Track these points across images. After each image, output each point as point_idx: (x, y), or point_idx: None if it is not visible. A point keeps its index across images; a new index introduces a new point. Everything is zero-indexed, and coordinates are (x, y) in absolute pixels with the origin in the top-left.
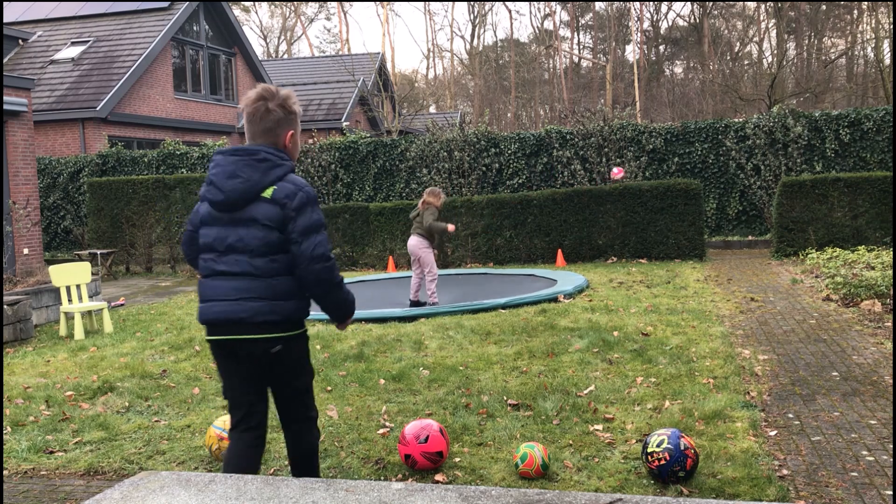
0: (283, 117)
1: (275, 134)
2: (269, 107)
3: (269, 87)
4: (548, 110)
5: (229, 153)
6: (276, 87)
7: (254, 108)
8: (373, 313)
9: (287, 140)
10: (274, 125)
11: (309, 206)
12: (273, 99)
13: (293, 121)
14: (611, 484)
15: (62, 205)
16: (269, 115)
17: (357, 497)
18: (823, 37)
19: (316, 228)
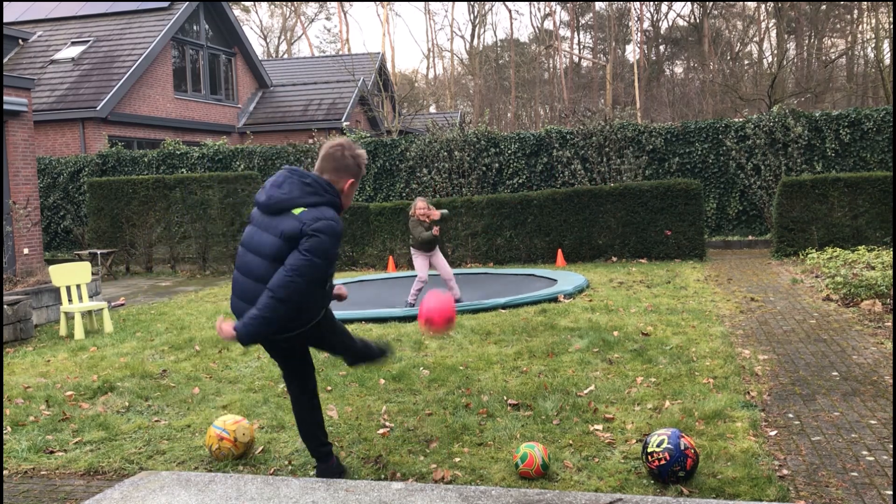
0: (349, 166)
1: (338, 175)
2: (344, 153)
3: (350, 142)
4: (548, 110)
5: (289, 170)
6: (357, 145)
7: (333, 150)
8: (373, 313)
9: (346, 186)
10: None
11: (325, 235)
12: (350, 149)
13: (357, 174)
14: (611, 484)
15: (62, 205)
16: (342, 160)
17: (357, 497)
18: (823, 37)
19: (319, 254)
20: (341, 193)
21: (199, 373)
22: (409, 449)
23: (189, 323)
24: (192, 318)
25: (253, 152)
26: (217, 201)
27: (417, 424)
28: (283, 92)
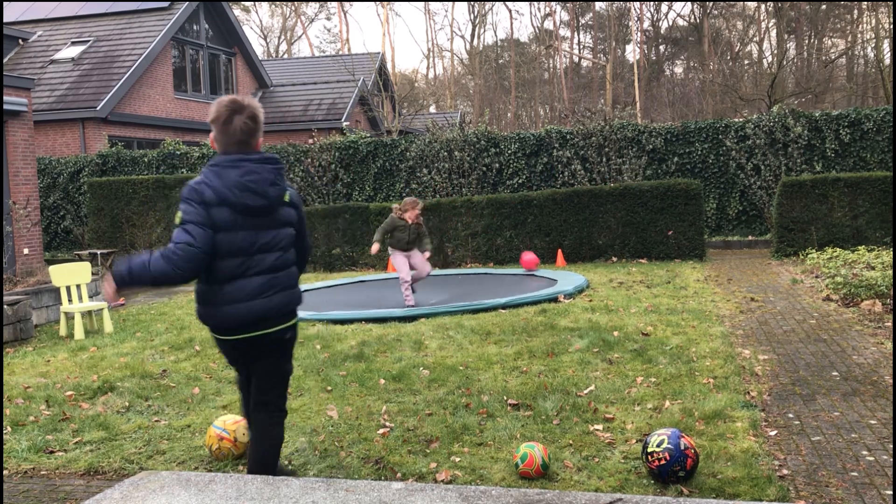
0: (253, 128)
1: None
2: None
3: (236, 99)
4: (548, 110)
5: (261, 161)
6: (243, 98)
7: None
8: (373, 313)
9: (258, 147)
10: (247, 136)
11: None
12: (243, 111)
13: (261, 128)
14: (611, 484)
15: (62, 205)
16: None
17: (357, 497)
18: (823, 37)
19: None
20: None
21: (199, 373)
22: (409, 449)
23: (189, 323)
24: (192, 318)
25: None
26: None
27: (417, 424)
28: (283, 92)
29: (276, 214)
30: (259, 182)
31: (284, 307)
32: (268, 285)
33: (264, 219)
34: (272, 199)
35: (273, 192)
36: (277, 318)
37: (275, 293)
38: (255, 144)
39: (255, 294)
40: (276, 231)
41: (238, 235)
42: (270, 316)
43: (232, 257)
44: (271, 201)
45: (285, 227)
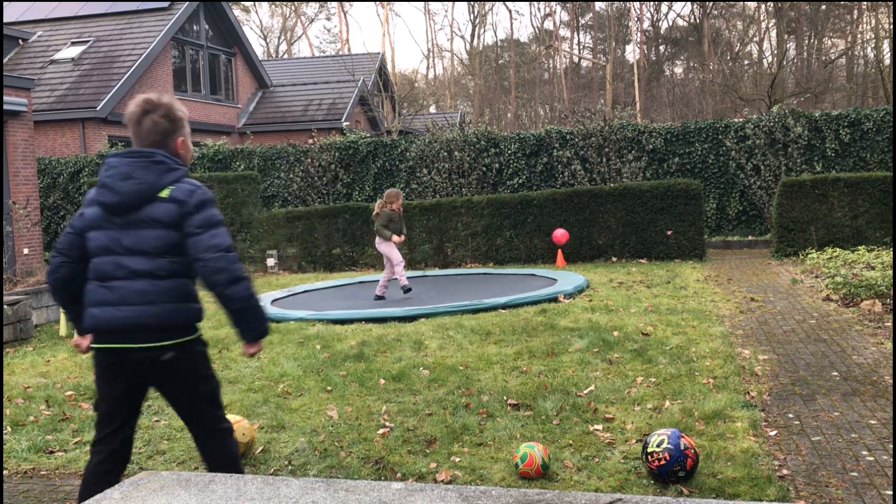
0: (168, 127)
1: (164, 144)
2: (154, 119)
3: (150, 98)
4: (548, 110)
5: (124, 155)
6: (159, 97)
7: (137, 121)
8: (373, 313)
9: (178, 147)
10: (163, 136)
11: (208, 204)
12: (156, 110)
13: (180, 126)
14: (611, 484)
15: (62, 205)
16: (155, 127)
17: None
18: (823, 37)
19: (216, 223)
20: (178, 155)
21: None
22: (409, 449)
23: None
24: None
25: (253, 152)
26: (217, 201)
27: (417, 424)
28: (283, 92)
29: (143, 212)
30: (113, 177)
31: (153, 322)
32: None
33: (124, 217)
34: (124, 194)
35: (125, 187)
36: (146, 334)
37: (141, 304)
38: (172, 143)
39: (105, 301)
40: (143, 231)
41: (102, 235)
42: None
43: (96, 257)
44: (124, 197)
45: (153, 228)
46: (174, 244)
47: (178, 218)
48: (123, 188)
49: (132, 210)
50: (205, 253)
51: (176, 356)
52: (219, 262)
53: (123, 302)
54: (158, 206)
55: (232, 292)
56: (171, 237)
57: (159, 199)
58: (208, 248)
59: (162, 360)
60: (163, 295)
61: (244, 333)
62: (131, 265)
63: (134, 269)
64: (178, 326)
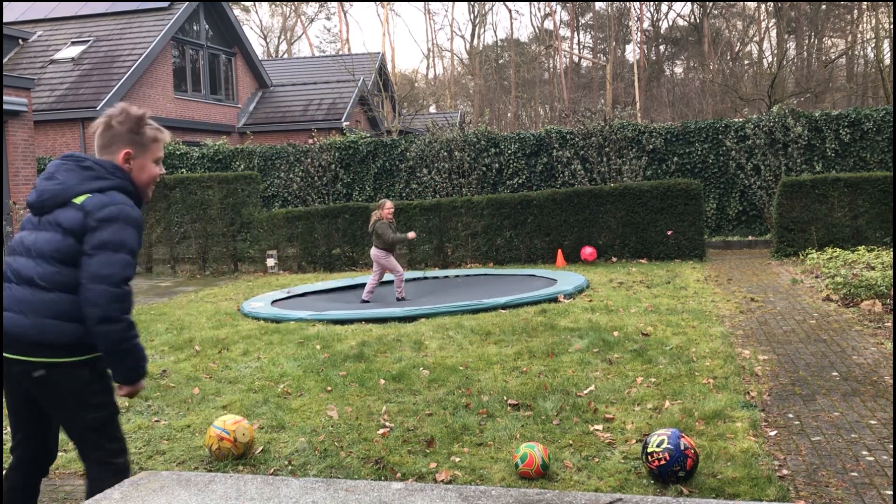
0: (120, 134)
1: (109, 151)
2: (111, 123)
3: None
4: (548, 110)
5: (61, 157)
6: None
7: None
8: (373, 313)
9: (120, 159)
10: (108, 141)
11: (118, 223)
12: (118, 116)
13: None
14: (611, 484)
15: None
16: (108, 130)
17: (357, 497)
18: (823, 37)
19: (117, 247)
20: (130, 172)
21: (198, 373)
22: (409, 449)
23: (189, 323)
24: (192, 319)
25: (253, 152)
26: (217, 201)
27: (417, 424)
28: (283, 92)
29: (52, 215)
30: (43, 175)
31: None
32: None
33: (38, 218)
34: (40, 192)
35: (43, 187)
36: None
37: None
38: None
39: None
40: (43, 233)
41: (22, 233)
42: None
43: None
44: (39, 195)
45: (53, 230)
46: (68, 253)
47: (80, 229)
48: (41, 187)
49: (45, 211)
50: (89, 281)
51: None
52: (98, 296)
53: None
54: (65, 212)
55: (101, 330)
56: (64, 245)
57: (71, 205)
58: (94, 277)
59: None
60: (41, 306)
61: (114, 374)
62: (20, 268)
63: (22, 273)
64: (57, 345)
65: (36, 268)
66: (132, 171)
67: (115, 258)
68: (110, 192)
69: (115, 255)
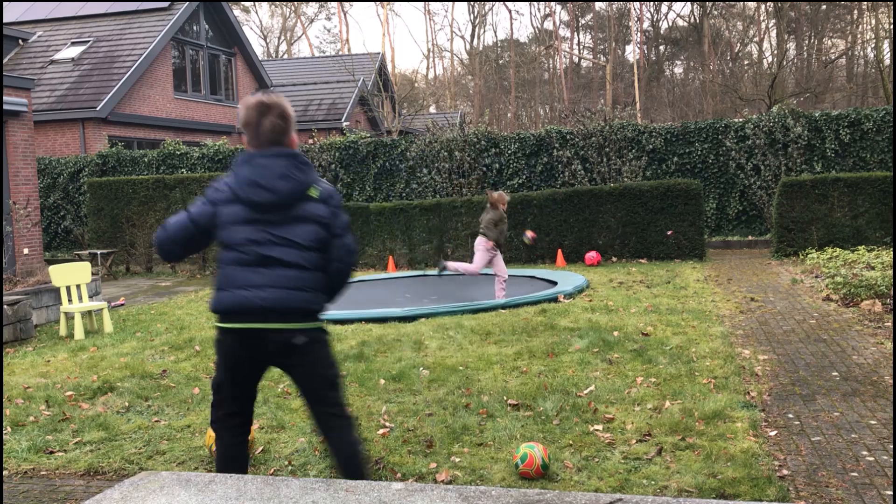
0: (286, 126)
1: (289, 138)
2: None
3: (262, 99)
4: (548, 110)
5: (273, 156)
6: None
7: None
8: (373, 313)
9: (293, 145)
10: (287, 128)
11: (342, 206)
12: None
13: (293, 125)
14: (611, 484)
15: (62, 205)
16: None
17: (357, 497)
18: (823, 37)
19: (350, 226)
20: None
21: (199, 373)
22: (409, 449)
23: (189, 323)
24: (192, 318)
25: None
26: None
27: (417, 424)
28: (283, 92)
29: (293, 209)
30: (267, 177)
31: (279, 304)
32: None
33: (277, 214)
34: (281, 193)
35: (282, 186)
36: (278, 315)
37: (293, 288)
38: (288, 142)
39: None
40: (290, 226)
41: (246, 230)
42: (265, 309)
43: (233, 249)
44: (281, 195)
45: (305, 223)
46: (324, 240)
47: (329, 217)
48: (280, 186)
49: (285, 207)
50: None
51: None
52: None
53: (272, 284)
54: (311, 205)
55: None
56: (321, 234)
57: (310, 198)
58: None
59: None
60: (308, 282)
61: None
62: (282, 256)
63: (286, 259)
64: (313, 312)
65: (301, 254)
66: None
67: (352, 235)
68: (320, 179)
69: (351, 233)
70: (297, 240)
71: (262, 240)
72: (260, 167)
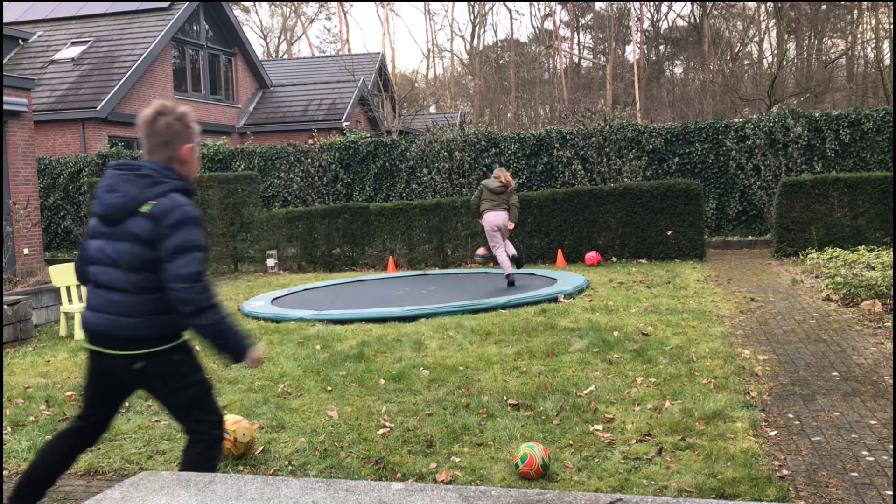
0: (180, 131)
1: (172, 147)
2: (167, 121)
3: (166, 103)
4: (548, 110)
5: (115, 167)
6: (174, 104)
7: (151, 123)
8: (373, 313)
9: (185, 154)
10: (172, 138)
11: (186, 225)
12: (170, 114)
13: (190, 135)
14: (611, 484)
15: (62, 205)
16: (168, 129)
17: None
18: (823, 37)
19: (189, 248)
20: (184, 164)
21: None
22: (409, 449)
23: None
24: None
25: (253, 152)
26: (217, 201)
27: (417, 424)
28: (283, 92)
29: (123, 225)
30: (103, 188)
31: (106, 331)
32: (108, 301)
33: (112, 228)
34: (108, 205)
35: (109, 199)
36: (111, 342)
37: (115, 314)
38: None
39: (98, 307)
40: (121, 244)
41: (97, 243)
42: (100, 334)
43: (92, 264)
44: (107, 209)
45: (129, 242)
46: (149, 261)
47: (153, 236)
48: (107, 200)
49: (115, 222)
50: (173, 282)
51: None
52: (186, 293)
53: (102, 309)
54: (137, 221)
55: (199, 322)
56: (143, 255)
57: (139, 215)
58: (176, 278)
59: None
60: (136, 307)
61: (224, 357)
62: (111, 280)
63: (113, 284)
64: (151, 337)
65: (126, 277)
66: (189, 164)
67: (191, 257)
68: (171, 194)
69: (190, 255)
70: (120, 260)
71: (102, 258)
72: (105, 178)
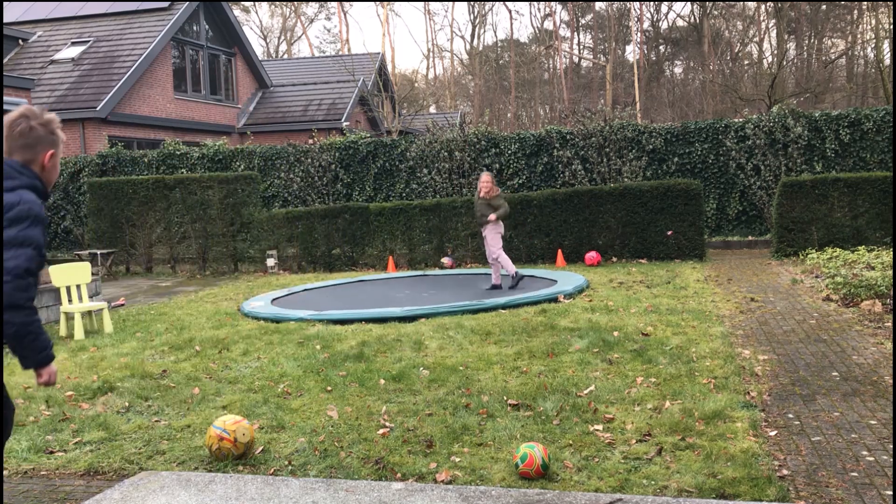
0: (43, 136)
1: (34, 151)
2: (31, 125)
3: (34, 108)
4: (548, 110)
5: None
6: (42, 109)
7: (11, 125)
8: (373, 313)
9: (46, 159)
10: (34, 142)
11: (26, 221)
12: (35, 118)
13: (54, 142)
14: (611, 484)
15: (62, 205)
16: (31, 132)
17: (357, 497)
18: (823, 37)
19: (22, 243)
20: (42, 170)
21: (198, 373)
22: (409, 449)
23: (189, 323)
24: (192, 319)
25: (253, 152)
26: (217, 201)
27: (417, 424)
28: (283, 92)
29: None
30: None
31: None
32: None
33: None
34: None
35: None
36: None
37: None
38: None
39: None
40: None
41: None
42: None
43: None
44: None
45: None
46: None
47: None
48: None
49: None
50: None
51: None
52: (6, 286)
53: None
54: None
55: (10, 318)
56: None
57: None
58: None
59: None
60: None
61: (21, 361)
62: None
63: None
64: None
65: None
66: (50, 169)
67: (20, 252)
68: (18, 190)
69: (20, 250)
70: None
71: None
72: None
